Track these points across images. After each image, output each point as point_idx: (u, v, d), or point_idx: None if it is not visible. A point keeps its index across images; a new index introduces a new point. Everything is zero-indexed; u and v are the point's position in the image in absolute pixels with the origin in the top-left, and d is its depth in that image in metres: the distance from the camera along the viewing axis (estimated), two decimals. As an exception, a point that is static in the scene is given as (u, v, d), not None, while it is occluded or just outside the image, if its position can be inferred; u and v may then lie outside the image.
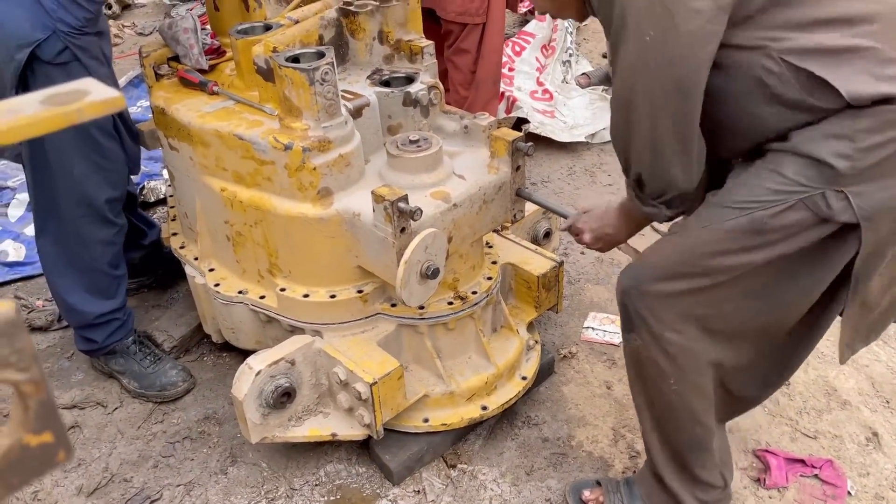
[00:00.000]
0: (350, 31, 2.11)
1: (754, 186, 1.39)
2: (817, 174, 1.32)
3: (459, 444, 2.14)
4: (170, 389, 2.32)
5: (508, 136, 1.94)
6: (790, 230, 1.36)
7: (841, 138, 1.30)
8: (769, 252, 1.40)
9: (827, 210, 1.32)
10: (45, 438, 0.38)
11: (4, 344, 0.35)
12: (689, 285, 1.49)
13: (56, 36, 1.91)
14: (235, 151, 1.93)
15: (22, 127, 0.55)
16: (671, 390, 1.61)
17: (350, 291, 1.97)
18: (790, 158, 1.35)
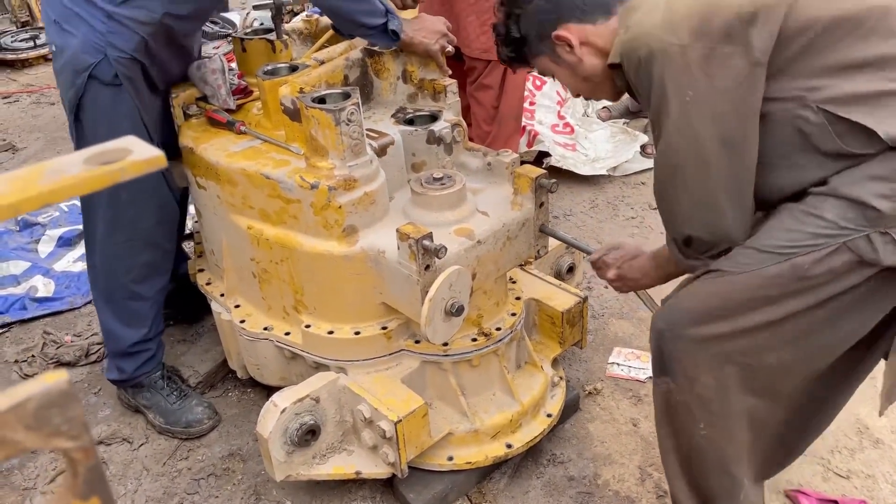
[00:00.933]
0: (374, 71, 2.15)
1: (794, 231, 1.37)
2: (860, 216, 1.31)
3: (484, 482, 2.12)
4: (195, 427, 2.33)
5: (532, 173, 1.95)
6: (833, 274, 1.35)
7: (882, 180, 1.30)
8: (811, 298, 1.38)
9: (872, 253, 1.31)
10: (93, 503, 0.39)
11: (57, 413, 0.36)
12: (727, 329, 1.47)
13: (107, 60, 1.96)
14: (262, 190, 1.95)
15: (66, 188, 0.57)
16: (700, 435, 1.58)
17: (374, 328, 1.98)
18: (831, 202, 1.34)
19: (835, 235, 1.33)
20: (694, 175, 1.41)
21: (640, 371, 2.50)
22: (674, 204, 1.49)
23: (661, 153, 1.48)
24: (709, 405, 1.54)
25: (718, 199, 1.42)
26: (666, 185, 1.49)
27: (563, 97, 4.18)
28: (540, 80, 4.17)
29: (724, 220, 1.44)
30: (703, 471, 1.65)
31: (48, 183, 0.57)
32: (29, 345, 2.78)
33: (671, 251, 1.59)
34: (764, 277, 1.40)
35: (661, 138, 1.45)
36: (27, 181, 0.57)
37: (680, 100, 1.36)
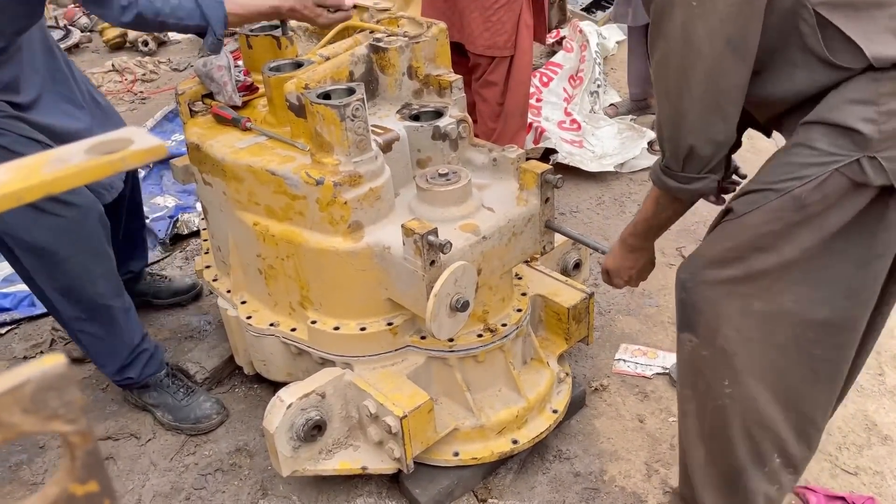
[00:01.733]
0: (380, 67, 2.15)
1: (790, 164, 1.38)
2: (848, 142, 1.31)
3: (490, 478, 2.12)
4: (204, 422, 2.34)
5: (537, 169, 1.94)
6: (830, 200, 1.34)
7: (865, 103, 1.29)
8: (816, 230, 1.37)
9: (862, 175, 1.30)
10: (91, 488, 0.39)
11: (54, 397, 0.36)
12: (743, 271, 1.46)
13: None
14: (268, 186, 1.96)
15: (69, 176, 0.57)
16: (726, 394, 1.54)
17: (380, 324, 1.98)
18: (819, 130, 1.34)
19: (827, 163, 1.33)
20: (703, 80, 1.38)
21: (647, 367, 2.49)
22: (680, 113, 1.44)
23: (663, 62, 1.43)
24: (732, 359, 1.51)
25: (725, 102, 1.40)
26: (672, 94, 1.44)
27: (571, 94, 4.17)
28: (547, 77, 4.16)
29: (726, 126, 1.42)
30: (726, 436, 1.59)
31: (51, 171, 0.57)
32: (37, 341, 2.79)
33: (669, 185, 1.53)
34: (767, 212, 1.40)
35: (664, 44, 1.41)
36: (30, 170, 0.57)
37: (686, 4, 1.33)
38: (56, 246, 2.06)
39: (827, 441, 2.19)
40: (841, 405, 2.24)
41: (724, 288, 1.50)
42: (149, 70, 5.31)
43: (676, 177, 1.51)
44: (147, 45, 5.61)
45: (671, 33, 1.38)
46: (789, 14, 1.33)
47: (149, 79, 5.23)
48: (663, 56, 1.43)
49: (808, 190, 1.34)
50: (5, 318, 2.88)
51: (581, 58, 4.26)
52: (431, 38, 2.15)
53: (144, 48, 5.62)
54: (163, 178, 3.74)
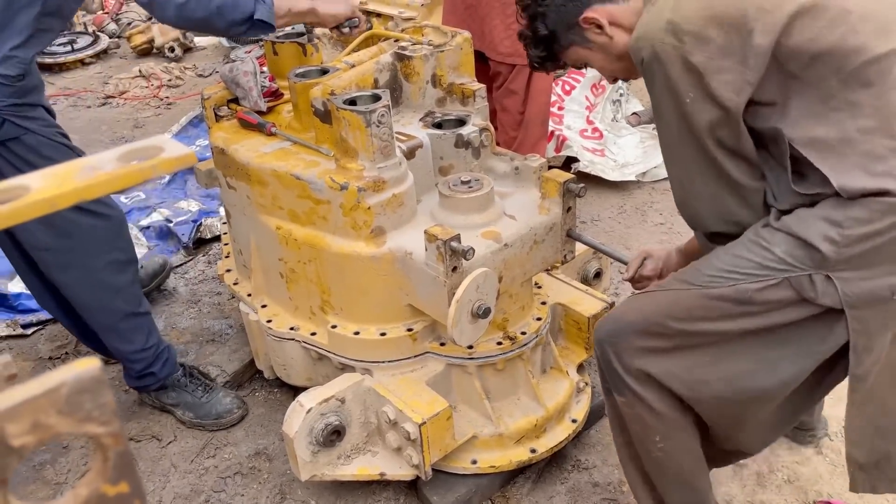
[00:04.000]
0: (404, 75, 2.16)
1: (744, 258, 1.42)
2: (805, 255, 1.36)
3: (508, 486, 2.11)
4: (226, 417, 2.36)
5: (560, 178, 1.94)
6: (773, 305, 1.40)
7: (831, 223, 1.34)
8: (748, 322, 1.43)
9: (811, 292, 1.36)
10: (122, 489, 0.40)
11: (89, 399, 0.37)
12: (665, 344, 1.50)
13: None
14: (292, 191, 1.97)
15: (101, 183, 0.58)
16: (658, 448, 1.58)
17: (400, 329, 1.99)
18: (781, 236, 1.39)
19: (780, 270, 1.38)
20: (703, 180, 1.44)
21: (668, 378, 2.47)
22: (693, 209, 1.52)
23: (668, 147, 1.51)
24: (659, 418, 1.55)
25: (731, 200, 1.45)
26: (682, 192, 1.52)
27: (593, 102, 4.16)
28: (569, 86, 4.15)
29: (741, 215, 1.47)
30: (664, 484, 1.65)
31: (83, 179, 0.58)
32: (62, 342, 2.83)
33: (700, 240, 1.62)
34: (708, 297, 1.45)
35: (666, 131, 1.48)
36: (63, 177, 0.59)
37: (679, 102, 1.39)
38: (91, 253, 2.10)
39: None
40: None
41: (645, 356, 1.52)
42: (175, 76, 5.37)
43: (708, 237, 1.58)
44: (173, 52, 5.68)
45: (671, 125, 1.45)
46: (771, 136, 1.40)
47: (174, 84, 5.29)
48: (667, 144, 1.50)
49: (754, 289, 1.39)
50: (31, 319, 2.92)
51: (604, 66, 4.25)
52: (456, 47, 2.16)
53: (171, 54, 5.69)
54: (187, 183, 3.79)
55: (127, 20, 6.11)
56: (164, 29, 5.77)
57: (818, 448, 2.18)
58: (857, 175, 1.32)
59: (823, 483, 2.09)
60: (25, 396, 0.36)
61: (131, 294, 2.24)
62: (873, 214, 1.31)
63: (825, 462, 2.14)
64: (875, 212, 1.31)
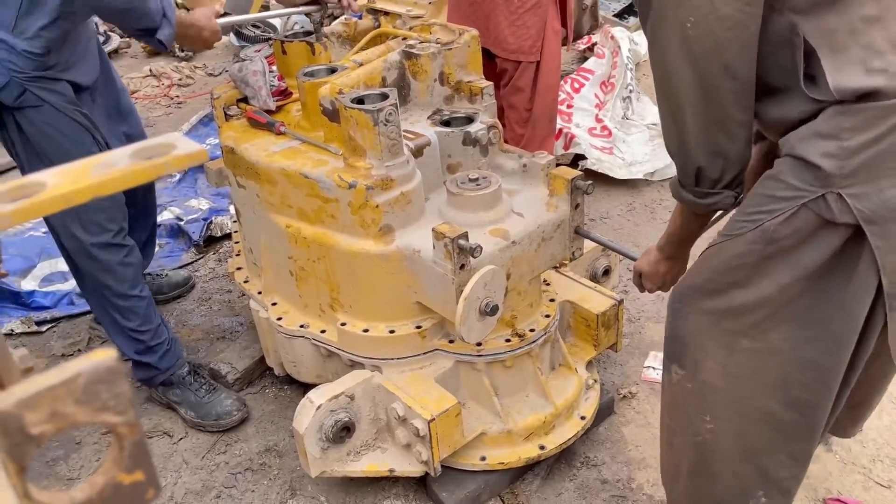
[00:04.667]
0: (412, 73, 2.17)
1: (762, 196, 1.36)
2: (812, 176, 1.28)
3: (517, 483, 2.12)
4: (225, 419, 2.38)
5: (567, 175, 1.95)
6: (801, 235, 1.31)
7: (829, 137, 1.25)
8: (791, 266, 1.34)
9: (828, 212, 1.27)
10: (137, 477, 0.41)
11: (105, 389, 0.38)
12: (725, 304, 1.44)
13: (14, 82, 1.99)
14: (301, 189, 1.99)
15: (115, 180, 0.59)
16: (706, 429, 1.52)
17: (409, 327, 2.00)
18: (788, 163, 1.32)
19: (794, 197, 1.30)
20: (699, 104, 1.37)
21: (676, 375, 2.47)
22: (682, 135, 1.43)
23: (662, 83, 1.43)
24: (715, 394, 1.49)
25: (729, 124, 1.38)
26: (675, 115, 1.43)
27: (602, 100, 4.15)
28: (578, 84, 4.15)
29: (733, 145, 1.40)
30: (707, 473, 1.58)
31: (98, 175, 0.59)
32: (75, 339, 2.86)
33: (686, 198, 1.52)
34: (742, 244, 1.38)
35: (661, 66, 1.40)
36: (78, 174, 0.60)
37: (681, 26, 1.31)
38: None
39: (861, 453, 2.16)
40: (876, 417, 2.22)
41: (710, 319, 1.47)
42: (185, 75, 5.41)
43: (692, 191, 1.49)
44: (183, 51, 5.72)
45: (667, 54, 1.37)
46: (785, 42, 1.31)
47: (185, 83, 5.32)
48: (662, 77, 1.42)
49: (776, 224, 1.32)
50: (45, 317, 2.96)
51: (613, 64, 4.25)
52: (463, 44, 2.17)
53: (181, 53, 5.72)
54: (197, 182, 3.81)
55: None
56: (174, 29, 5.80)
57: (828, 446, 2.18)
58: (854, 72, 1.23)
59: (833, 480, 2.09)
60: (44, 386, 0.37)
61: (124, 275, 2.29)
62: (868, 121, 1.23)
63: (835, 459, 2.14)
64: (870, 118, 1.23)
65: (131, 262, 2.31)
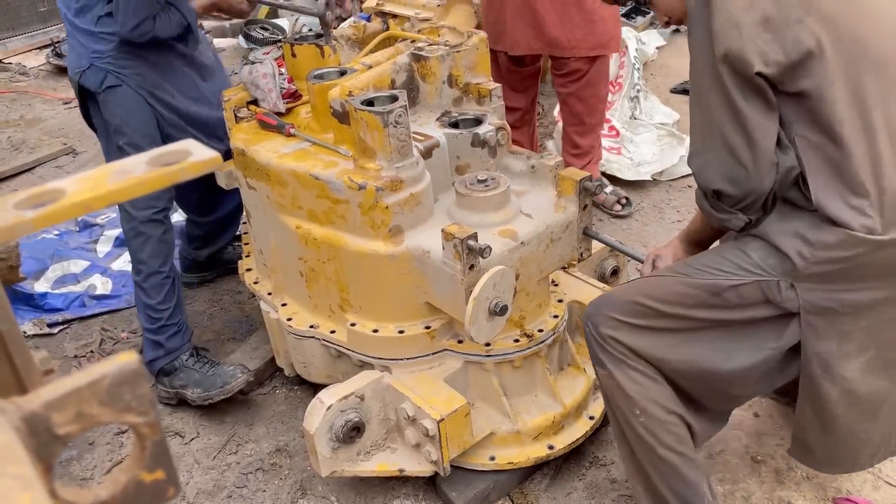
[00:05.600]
0: (421, 76, 2.18)
1: (725, 259, 1.59)
2: (777, 264, 1.52)
3: (526, 482, 2.13)
4: (231, 382, 2.40)
5: (576, 176, 1.96)
6: (740, 301, 1.56)
7: (804, 241, 1.49)
8: (716, 314, 1.59)
9: (777, 296, 1.53)
10: (158, 475, 0.42)
11: (128, 391, 0.39)
12: (639, 321, 1.64)
13: (95, 67, 2.26)
14: (311, 191, 2.00)
15: (132, 187, 0.61)
16: (640, 422, 1.67)
17: (418, 327, 2.01)
18: (758, 243, 1.55)
19: (754, 273, 1.55)
20: (728, 125, 1.48)
21: (685, 375, 2.48)
22: (704, 159, 1.57)
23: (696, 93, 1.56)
24: (639, 389, 1.66)
25: (747, 151, 1.48)
26: (700, 140, 1.57)
27: (610, 100, 4.15)
28: (586, 83, 4.15)
29: (750, 178, 1.51)
30: (652, 467, 1.71)
31: (115, 182, 0.61)
32: (87, 341, 2.89)
33: (704, 208, 1.66)
34: (687, 286, 1.61)
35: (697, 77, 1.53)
36: (97, 181, 0.61)
37: (714, 51, 1.44)
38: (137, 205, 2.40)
39: (870, 453, 2.16)
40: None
41: (625, 331, 1.66)
42: (194, 77, 5.43)
43: (711, 203, 1.61)
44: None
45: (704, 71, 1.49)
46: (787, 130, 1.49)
47: (194, 85, 5.35)
48: (697, 90, 1.54)
49: (726, 285, 1.56)
50: (57, 319, 2.98)
51: (620, 63, 4.25)
52: (472, 47, 2.18)
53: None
54: (207, 183, 3.83)
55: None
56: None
57: (837, 445, 2.18)
58: (836, 203, 1.44)
59: (843, 480, 2.09)
60: (70, 388, 0.38)
61: (158, 250, 2.44)
62: (840, 243, 1.45)
63: (844, 459, 2.14)
64: (842, 241, 1.45)
65: (166, 239, 2.47)
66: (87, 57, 2.28)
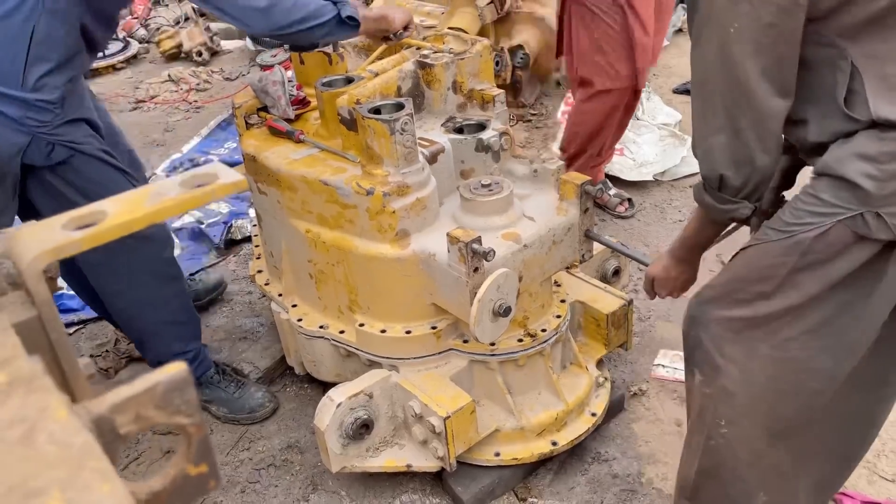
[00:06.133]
0: (426, 82, 2.24)
1: (797, 210, 1.42)
2: (851, 195, 1.34)
3: (530, 478, 2.19)
4: (259, 411, 2.48)
5: (577, 180, 2.01)
6: (833, 249, 1.38)
7: (868, 160, 1.32)
8: (819, 277, 1.40)
9: (864, 228, 1.34)
10: (202, 469, 0.49)
11: (178, 396, 0.46)
12: (750, 313, 1.49)
13: (38, 138, 1.93)
14: (320, 196, 2.07)
15: (168, 208, 0.67)
16: (720, 434, 1.58)
17: (424, 327, 2.07)
18: (825, 181, 1.38)
19: (831, 214, 1.37)
20: (734, 107, 1.41)
21: (686, 373, 2.53)
22: (711, 139, 1.47)
23: (699, 84, 1.47)
24: (732, 399, 1.54)
25: (760, 130, 1.42)
26: (707, 117, 1.47)
27: (612, 100, 4.20)
28: (589, 84, 4.20)
29: (761, 154, 1.44)
30: (717, 476, 1.63)
31: (153, 204, 0.67)
32: (102, 341, 2.96)
33: (706, 202, 1.56)
34: (772, 254, 1.44)
35: (701, 66, 1.44)
36: (135, 203, 0.68)
37: (724, 30, 1.36)
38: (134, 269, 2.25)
39: (865, 448, 2.21)
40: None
41: (732, 327, 1.53)
42: (203, 79, 5.51)
43: (714, 195, 1.53)
44: (201, 56, 5.82)
45: (708, 56, 1.42)
46: (826, 62, 1.36)
47: (203, 88, 5.42)
48: (700, 79, 1.47)
49: (811, 237, 1.39)
50: (72, 319, 3.06)
51: (623, 64, 4.29)
52: (475, 54, 2.24)
53: (199, 58, 5.82)
54: (217, 185, 3.90)
55: (156, 25, 6.25)
56: (191, 33, 5.91)
57: (833, 440, 2.23)
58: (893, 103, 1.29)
59: (838, 474, 2.14)
60: (131, 394, 0.45)
61: (175, 305, 2.39)
62: None
63: (840, 454, 2.20)
64: None
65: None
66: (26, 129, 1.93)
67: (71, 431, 0.39)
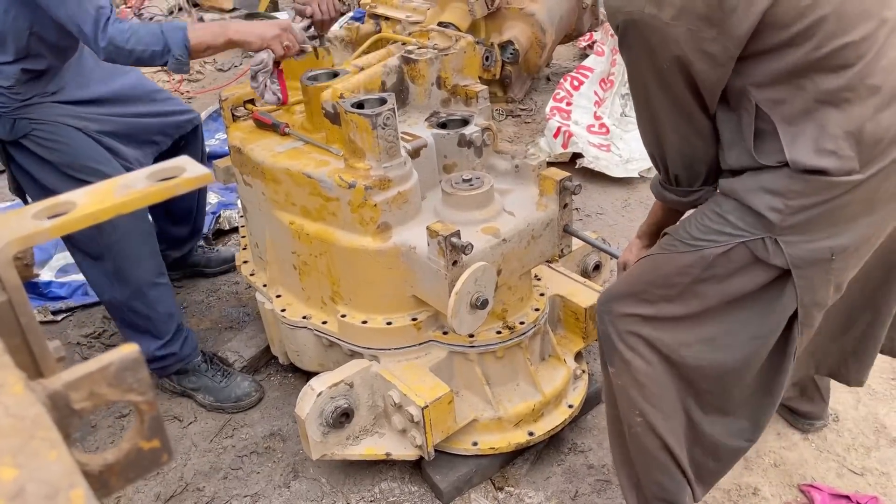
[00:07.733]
0: (410, 77, 2.27)
1: (705, 226, 1.55)
2: (756, 222, 1.48)
3: (507, 467, 2.24)
4: (245, 400, 2.52)
5: (556, 176, 2.05)
6: (734, 266, 1.52)
7: (775, 194, 1.44)
8: (719, 291, 1.54)
9: (763, 252, 1.48)
10: (154, 444, 0.52)
11: (130, 375, 0.49)
12: (652, 311, 1.62)
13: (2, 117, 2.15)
14: (304, 188, 2.10)
15: (135, 200, 0.71)
16: (637, 423, 1.69)
17: (405, 319, 2.11)
18: (732, 204, 1.51)
19: (735, 235, 1.50)
20: (675, 131, 1.54)
21: (664, 367, 2.58)
22: (663, 146, 1.60)
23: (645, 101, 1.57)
24: (643, 389, 1.66)
25: (695, 148, 1.56)
26: (654, 138, 1.61)
27: (601, 97, 4.24)
28: (578, 81, 4.24)
29: (705, 153, 1.57)
30: (642, 464, 1.74)
31: (120, 196, 0.71)
32: (90, 328, 2.99)
33: (668, 198, 1.70)
34: (678, 264, 1.58)
35: (641, 99, 1.57)
36: (104, 194, 0.71)
37: (658, 67, 1.45)
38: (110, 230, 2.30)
39: (836, 442, 2.26)
40: (852, 408, 2.32)
41: (637, 323, 1.65)
42: (195, 70, 5.52)
43: (675, 192, 1.65)
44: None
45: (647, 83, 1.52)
46: (738, 96, 1.46)
47: (195, 79, 5.44)
48: (644, 98, 1.57)
49: (716, 253, 1.52)
50: (61, 306, 3.09)
51: (612, 61, 4.33)
52: (459, 50, 2.27)
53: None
54: (206, 175, 3.92)
55: (149, 15, 6.25)
56: (184, 23, 5.91)
57: (805, 434, 2.28)
58: (808, 152, 1.39)
59: (809, 467, 2.19)
60: (84, 372, 0.48)
61: (154, 264, 2.44)
62: (813, 189, 1.41)
63: (811, 447, 2.25)
64: (814, 187, 1.41)
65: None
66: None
67: (25, 405, 0.43)
